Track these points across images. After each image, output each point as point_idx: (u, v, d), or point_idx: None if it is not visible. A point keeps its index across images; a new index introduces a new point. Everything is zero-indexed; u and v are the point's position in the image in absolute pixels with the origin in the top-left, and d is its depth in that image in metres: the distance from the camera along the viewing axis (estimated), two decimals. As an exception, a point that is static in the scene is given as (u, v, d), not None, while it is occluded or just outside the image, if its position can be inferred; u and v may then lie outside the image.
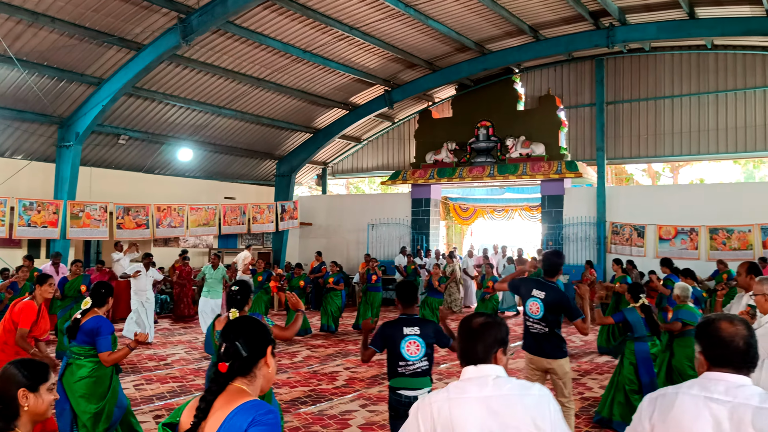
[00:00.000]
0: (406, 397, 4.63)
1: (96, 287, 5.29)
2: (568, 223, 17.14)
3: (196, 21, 12.17)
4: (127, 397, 5.43)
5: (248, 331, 2.32)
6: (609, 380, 7.23)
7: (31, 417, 2.58)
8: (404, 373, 4.68)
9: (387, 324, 4.83)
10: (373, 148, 22.25)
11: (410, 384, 4.67)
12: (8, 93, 13.08)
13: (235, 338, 2.28)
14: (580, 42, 15.56)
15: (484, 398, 2.32)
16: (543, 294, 5.63)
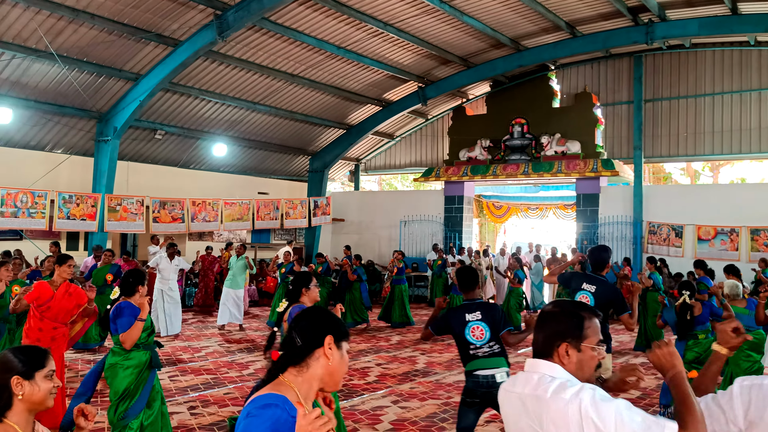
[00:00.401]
0: (483, 377, 4.71)
1: (124, 276, 5.30)
2: (603, 222, 16.88)
3: (232, 17, 12.27)
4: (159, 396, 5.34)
5: (306, 319, 2.23)
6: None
7: (27, 406, 2.41)
8: (476, 355, 4.77)
9: (452, 310, 4.94)
10: (406, 144, 22.20)
11: (485, 364, 4.75)
12: (49, 88, 13.36)
13: (293, 326, 2.20)
14: (618, 38, 15.29)
15: (522, 395, 2.22)
16: (593, 288, 5.61)
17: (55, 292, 5.97)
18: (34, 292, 5.91)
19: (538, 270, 16.73)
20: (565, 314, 2.26)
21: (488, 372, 4.71)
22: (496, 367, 4.74)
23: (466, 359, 4.84)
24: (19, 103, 13.14)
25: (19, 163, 13.97)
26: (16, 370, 2.41)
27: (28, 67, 12.65)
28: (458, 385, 8.43)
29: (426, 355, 10.53)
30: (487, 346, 4.76)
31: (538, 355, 2.27)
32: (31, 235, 13.95)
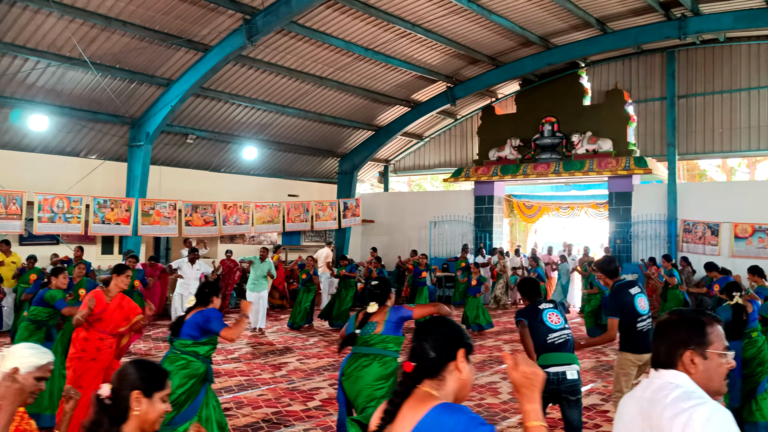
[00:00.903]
0: (554, 374, 4.78)
1: (201, 287, 5.39)
2: (636, 220, 16.62)
3: (261, 21, 12.36)
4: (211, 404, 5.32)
5: (438, 332, 2.20)
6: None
7: (140, 424, 2.41)
8: (553, 342, 4.89)
9: (521, 310, 5.21)
10: (435, 145, 22.14)
11: (558, 359, 4.87)
12: (83, 95, 13.61)
13: (423, 338, 2.18)
14: (650, 34, 15.04)
15: (639, 399, 2.19)
16: (640, 289, 5.77)
17: (108, 303, 5.85)
18: (92, 301, 5.77)
19: (566, 269, 16.49)
20: (685, 321, 2.21)
21: (559, 369, 4.82)
22: (568, 363, 4.88)
23: (539, 350, 4.92)
24: (54, 111, 13.41)
25: (55, 169, 14.27)
26: (137, 385, 2.41)
27: (63, 75, 12.91)
28: (491, 387, 8.37)
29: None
30: (563, 331, 4.97)
31: (660, 366, 2.22)
32: (67, 239, 14.22)
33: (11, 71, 12.29)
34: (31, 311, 6.95)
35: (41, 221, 12.85)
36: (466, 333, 2.22)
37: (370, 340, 4.98)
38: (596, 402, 7.75)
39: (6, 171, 13.22)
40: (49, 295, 6.75)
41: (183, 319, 5.24)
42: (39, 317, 6.88)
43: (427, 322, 2.25)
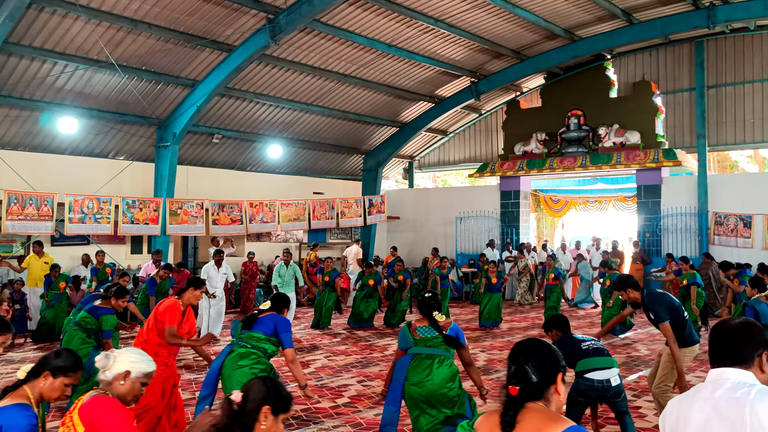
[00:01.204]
0: (599, 381, 4.98)
1: (277, 297, 5.62)
2: (666, 213, 16.36)
3: (284, 20, 12.40)
4: None
5: (538, 355, 2.27)
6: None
7: None
8: (588, 348, 5.05)
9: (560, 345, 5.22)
10: (459, 140, 22.03)
11: (599, 364, 5.01)
12: (111, 97, 13.79)
13: (524, 361, 2.25)
14: (678, 24, 14.78)
15: (714, 400, 2.22)
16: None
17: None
18: (176, 313, 5.59)
19: (585, 267, 16.18)
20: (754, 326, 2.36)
21: (603, 376, 4.98)
22: (609, 367, 5.02)
23: (576, 359, 5.07)
24: (83, 113, 13.62)
25: (84, 171, 14.48)
26: (268, 401, 2.47)
27: (91, 78, 13.10)
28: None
29: (486, 352, 10.42)
30: (592, 341, 5.10)
31: (726, 364, 2.30)
32: (97, 239, 14.44)
33: (41, 75, 12.50)
34: (82, 317, 6.78)
35: (72, 222, 13.06)
36: (561, 356, 2.31)
37: (432, 341, 5.06)
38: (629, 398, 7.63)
39: (37, 173, 13.46)
40: (104, 319, 6.66)
41: (256, 315, 5.39)
42: (89, 326, 6.73)
43: (524, 346, 2.33)
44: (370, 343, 11.40)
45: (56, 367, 3.03)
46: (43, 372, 3.01)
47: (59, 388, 3.04)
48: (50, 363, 3.03)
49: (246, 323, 5.38)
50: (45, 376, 3.00)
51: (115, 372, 2.96)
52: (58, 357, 3.07)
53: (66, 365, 3.07)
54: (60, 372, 3.03)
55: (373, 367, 9.39)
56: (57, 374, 3.02)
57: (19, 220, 12.30)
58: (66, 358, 3.08)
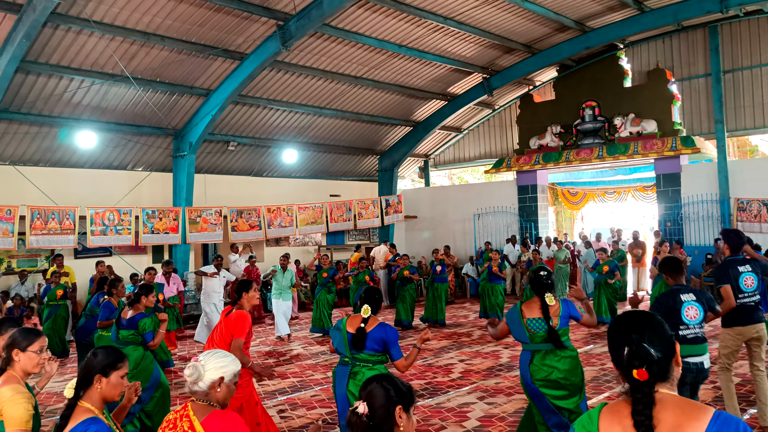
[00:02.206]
0: (693, 363, 4.96)
1: (371, 293, 5.13)
2: (687, 201, 16.19)
3: (294, 26, 12.48)
4: None
5: (651, 328, 2.03)
6: None
7: None
8: (686, 336, 4.96)
9: (662, 295, 5.21)
10: (474, 137, 21.99)
11: (694, 351, 4.98)
12: (127, 110, 13.97)
13: (639, 338, 2.01)
14: (690, 9, 14.62)
15: None
16: (750, 267, 5.94)
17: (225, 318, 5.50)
18: (246, 325, 5.29)
19: (590, 256, 16.06)
20: None
21: (698, 359, 4.99)
22: (703, 354, 5.03)
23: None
24: (101, 127, 13.80)
25: (104, 184, 14.69)
26: (398, 400, 2.40)
27: (107, 92, 13.27)
28: (544, 379, 8.28)
29: (510, 349, 10.40)
30: (698, 327, 5.01)
31: None
32: (119, 250, 14.63)
33: (58, 91, 12.69)
34: (124, 336, 6.46)
35: (94, 234, 13.23)
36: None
37: (544, 337, 5.03)
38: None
39: (58, 188, 13.67)
40: (141, 323, 6.43)
41: (364, 330, 4.90)
42: (135, 339, 6.44)
43: (630, 320, 2.08)
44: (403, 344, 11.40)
45: (104, 366, 2.96)
46: (93, 377, 2.93)
47: (118, 383, 2.99)
48: (96, 365, 2.96)
49: (356, 344, 4.92)
50: (98, 379, 2.93)
51: (209, 381, 2.92)
52: (98, 356, 3.00)
53: (112, 359, 3.00)
54: (110, 368, 2.97)
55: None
56: (108, 372, 2.96)
57: (42, 235, 12.49)
58: (107, 354, 3.02)
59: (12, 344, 3.52)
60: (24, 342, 3.53)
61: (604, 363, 9.06)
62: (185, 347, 11.91)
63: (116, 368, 3.00)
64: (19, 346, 3.50)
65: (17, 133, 13.10)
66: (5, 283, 13.25)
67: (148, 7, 11.45)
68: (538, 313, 5.04)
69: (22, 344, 3.51)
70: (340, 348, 5.02)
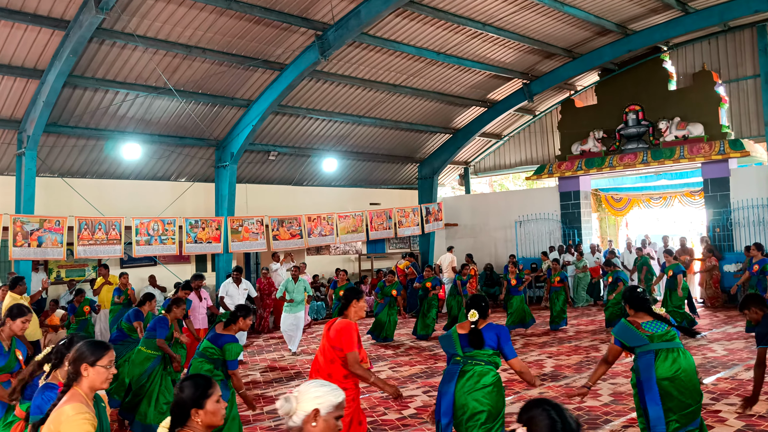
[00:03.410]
0: None
1: (478, 300, 5.05)
2: (736, 206, 15.70)
3: (333, 36, 12.56)
4: None
5: None
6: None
7: None
8: None
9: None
10: (514, 143, 21.78)
11: None
12: (170, 122, 14.24)
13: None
14: (737, 9, 14.22)
15: None
16: None
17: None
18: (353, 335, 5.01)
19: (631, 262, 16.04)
20: None
21: None
22: None
23: None
24: (145, 139, 14.10)
25: (148, 194, 14.99)
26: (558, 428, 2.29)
27: (151, 105, 13.56)
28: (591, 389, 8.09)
29: (553, 358, 10.21)
30: None
31: None
32: (164, 260, 14.89)
33: (104, 105, 13.02)
34: (205, 347, 5.95)
35: (139, 244, 13.50)
36: None
37: (667, 335, 5.03)
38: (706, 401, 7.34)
39: (105, 199, 14.00)
40: (228, 348, 5.84)
41: (478, 331, 4.90)
42: (214, 356, 5.90)
43: None
44: (434, 352, 11.33)
45: (197, 399, 2.81)
46: (190, 411, 2.80)
47: (217, 409, 2.85)
48: (188, 401, 2.80)
49: (473, 342, 4.87)
50: (194, 413, 2.81)
51: (303, 414, 2.60)
52: (186, 391, 2.83)
53: (202, 389, 2.85)
54: (203, 398, 2.82)
55: (438, 377, 9.32)
56: (203, 402, 2.81)
57: (89, 245, 12.79)
58: (195, 385, 2.85)
59: (80, 358, 3.29)
60: (92, 356, 3.30)
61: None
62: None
63: (208, 396, 2.83)
64: (87, 360, 3.28)
65: (65, 146, 13.48)
66: (55, 293, 13.59)
67: (190, 20, 11.68)
68: (650, 318, 5.09)
69: (91, 358, 3.29)
70: (450, 348, 4.99)
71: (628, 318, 5.14)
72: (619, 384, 8.28)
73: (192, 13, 11.52)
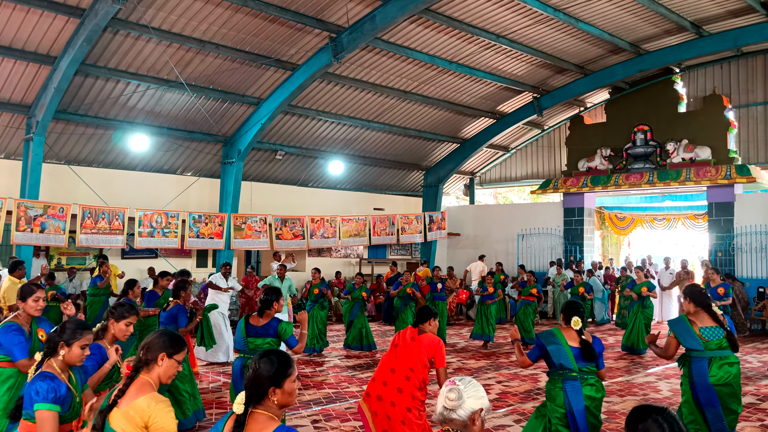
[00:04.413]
0: None
1: (575, 306, 5.01)
2: (740, 232, 15.67)
3: (346, 39, 12.59)
4: None
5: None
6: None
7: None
8: None
9: None
10: (521, 156, 21.78)
11: None
12: (180, 115, 14.27)
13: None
14: (751, 35, 14.24)
15: None
16: None
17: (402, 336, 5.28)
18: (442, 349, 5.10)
19: (597, 285, 16.05)
20: None
21: None
22: None
23: None
24: (153, 131, 14.13)
25: (153, 186, 15.02)
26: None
27: (161, 97, 13.59)
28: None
29: (548, 373, 10.16)
30: None
31: None
32: (165, 253, 14.89)
33: (114, 95, 13.05)
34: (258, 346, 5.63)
35: (141, 236, 13.51)
36: None
37: (722, 343, 5.16)
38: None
39: (109, 189, 14.03)
40: (282, 328, 5.63)
41: (588, 343, 4.86)
42: (272, 346, 5.58)
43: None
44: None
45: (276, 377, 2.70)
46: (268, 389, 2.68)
47: (293, 390, 2.76)
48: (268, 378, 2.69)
49: (587, 356, 4.84)
50: (272, 392, 2.68)
51: (469, 410, 2.60)
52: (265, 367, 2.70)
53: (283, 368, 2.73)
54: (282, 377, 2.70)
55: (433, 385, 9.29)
56: (282, 382, 2.70)
57: (92, 234, 12.80)
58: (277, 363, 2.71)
59: (160, 347, 3.17)
60: (172, 347, 3.20)
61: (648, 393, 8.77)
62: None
63: (288, 375, 2.73)
64: (167, 351, 3.17)
65: (73, 134, 13.50)
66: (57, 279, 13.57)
67: (206, 15, 11.71)
68: (709, 322, 5.23)
69: (171, 349, 3.19)
70: (566, 363, 4.82)
71: (689, 317, 5.32)
72: (613, 402, 8.25)
73: (208, 8, 11.56)
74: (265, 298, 5.76)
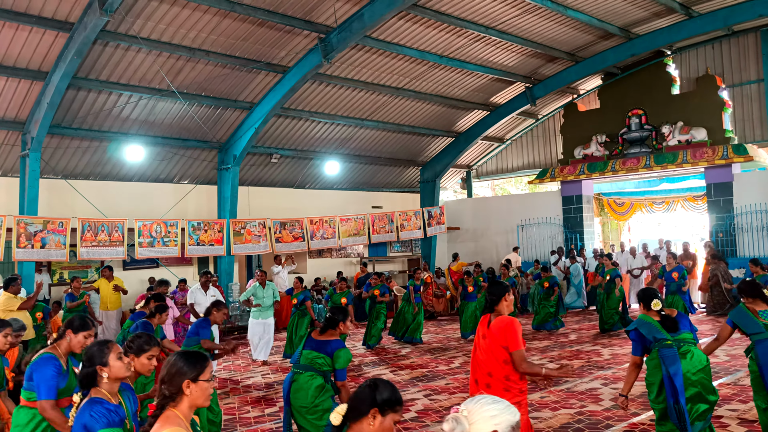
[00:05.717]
0: None
1: (651, 292, 5.34)
2: (739, 211, 15.67)
3: (336, 39, 12.58)
4: None
5: None
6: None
7: None
8: None
9: None
10: (517, 147, 21.77)
11: None
12: (173, 123, 14.27)
13: None
14: (741, 14, 14.22)
15: None
16: None
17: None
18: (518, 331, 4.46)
19: (577, 270, 16.51)
20: None
21: None
22: None
23: None
24: (148, 141, 14.13)
25: (151, 196, 15.03)
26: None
27: (154, 107, 13.59)
28: (591, 394, 8.09)
29: (555, 362, 10.18)
30: None
31: None
32: (166, 262, 14.90)
33: (107, 107, 13.05)
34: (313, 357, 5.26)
35: (142, 246, 13.52)
36: None
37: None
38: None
39: (107, 201, 14.03)
40: (339, 355, 5.19)
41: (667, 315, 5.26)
42: (324, 367, 5.23)
43: None
44: (435, 356, 11.32)
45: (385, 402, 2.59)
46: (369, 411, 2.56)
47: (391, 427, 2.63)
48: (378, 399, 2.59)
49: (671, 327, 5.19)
50: (373, 414, 2.57)
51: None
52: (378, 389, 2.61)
53: (395, 397, 2.62)
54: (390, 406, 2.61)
55: (439, 381, 9.31)
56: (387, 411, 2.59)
57: (92, 247, 12.81)
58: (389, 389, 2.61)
59: (179, 374, 2.79)
60: (194, 370, 2.82)
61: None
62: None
63: (395, 409, 2.59)
64: (189, 376, 2.79)
65: (69, 148, 13.51)
66: (58, 294, 13.60)
67: (194, 23, 11.71)
68: (764, 306, 5.50)
69: (192, 373, 2.81)
70: (657, 334, 5.14)
71: (747, 304, 5.55)
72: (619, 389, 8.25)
73: (195, 16, 11.55)
74: (331, 318, 5.41)
